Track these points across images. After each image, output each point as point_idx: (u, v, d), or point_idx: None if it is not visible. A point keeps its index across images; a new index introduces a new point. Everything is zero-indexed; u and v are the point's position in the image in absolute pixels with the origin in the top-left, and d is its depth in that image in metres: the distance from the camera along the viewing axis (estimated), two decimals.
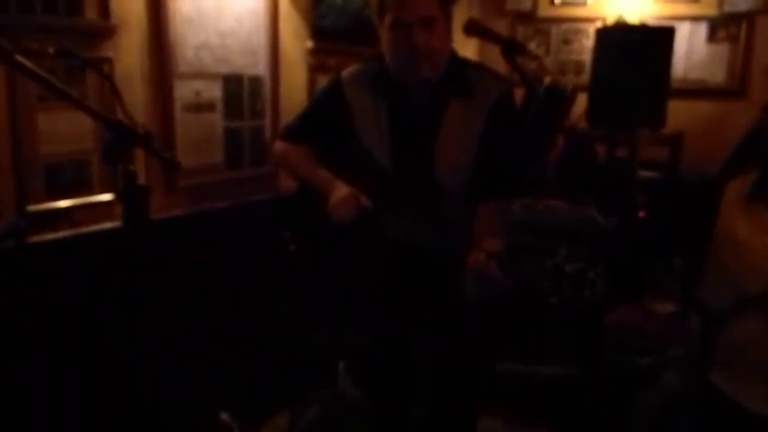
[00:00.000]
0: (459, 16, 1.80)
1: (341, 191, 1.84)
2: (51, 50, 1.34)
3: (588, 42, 4.71)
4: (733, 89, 4.43)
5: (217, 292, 2.87)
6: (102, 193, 2.48)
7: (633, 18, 4.54)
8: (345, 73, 1.94)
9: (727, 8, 4.38)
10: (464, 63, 1.86)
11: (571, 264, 1.40)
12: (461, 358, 2.01)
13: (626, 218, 3.54)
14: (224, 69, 3.01)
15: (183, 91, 2.83)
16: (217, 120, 3.01)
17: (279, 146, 2.07)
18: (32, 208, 2.26)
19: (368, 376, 2.19)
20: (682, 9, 4.51)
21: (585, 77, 4.42)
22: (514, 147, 1.83)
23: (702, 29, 4.48)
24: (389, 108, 1.83)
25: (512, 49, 1.80)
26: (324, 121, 1.97)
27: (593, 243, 3.00)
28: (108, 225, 2.43)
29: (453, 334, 1.98)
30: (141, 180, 1.77)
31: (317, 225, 1.93)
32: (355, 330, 2.28)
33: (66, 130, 2.35)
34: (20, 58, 1.21)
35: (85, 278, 2.32)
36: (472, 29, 1.83)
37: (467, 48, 4.07)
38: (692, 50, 4.51)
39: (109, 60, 2.48)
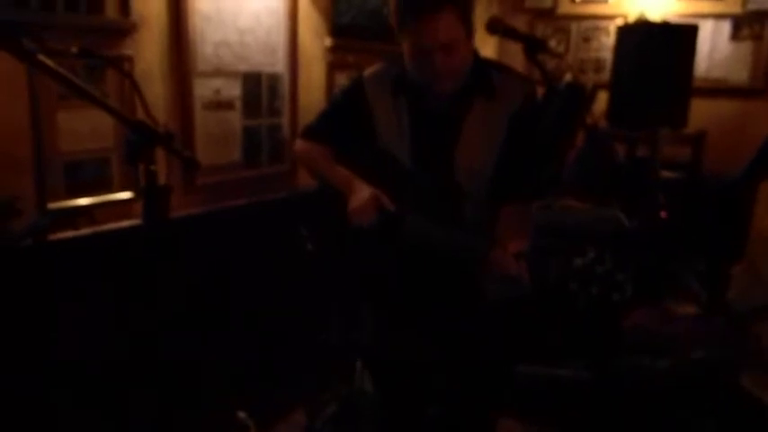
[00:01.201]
0: (480, 13, 1.76)
1: (361, 192, 1.81)
2: (74, 50, 1.33)
3: (608, 40, 4.66)
4: (757, 88, 4.37)
5: (234, 289, 2.87)
6: (121, 191, 2.49)
7: (655, 16, 4.48)
8: (367, 73, 1.92)
9: (752, 6, 4.31)
10: (487, 64, 1.83)
11: (600, 266, 1.38)
12: (480, 359, 1.99)
13: (648, 218, 3.49)
14: (243, 67, 3.01)
15: (203, 89, 2.83)
16: (235, 118, 3.01)
17: (299, 145, 2.06)
18: (53, 205, 2.27)
19: (385, 376, 2.17)
20: (705, 6, 4.45)
21: (606, 75, 4.38)
22: (536, 149, 1.80)
23: (726, 27, 4.41)
24: (411, 108, 1.81)
25: (534, 47, 1.77)
26: (345, 120, 1.95)
27: (616, 241, 2.96)
28: (127, 223, 2.44)
29: (472, 334, 1.96)
30: (161, 179, 1.77)
31: (336, 224, 1.91)
32: (372, 329, 2.26)
33: (86, 128, 2.36)
34: (42, 58, 1.21)
35: (105, 276, 2.33)
36: (495, 27, 1.80)
37: (487, 44, 4.03)
38: (714, 48, 4.44)
39: (129, 58, 2.49)
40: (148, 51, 2.59)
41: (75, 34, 2.29)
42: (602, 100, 3.90)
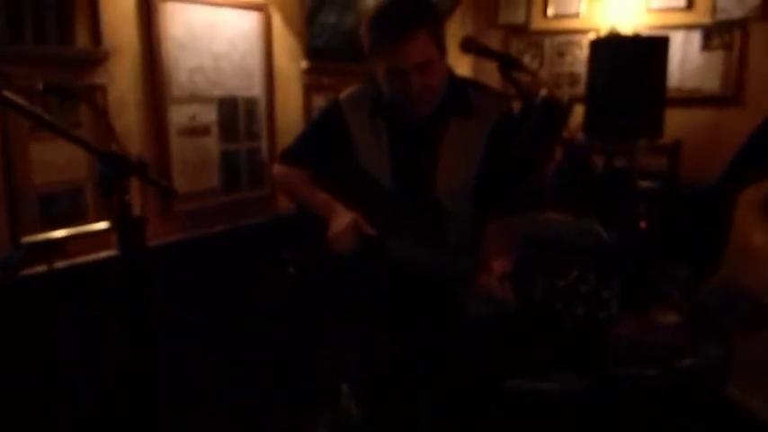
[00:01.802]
0: (454, 31, 1.78)
1: (341, 218, 1.80)
2: (40, 86, 1.31)
3: (582, 54, 4.71)
4: (729, 96, 4.42)
5: (215, 316, 2.83)
6: (97, 221, 2.46)
7: (626, 29, 4.54)
8: (344, 95, 1.92)
9: (721, 16, 4.38)
10: (463, 83, 1.83)
11: (584, 284, 1.37)
12: (466, 376, 1.97)
13: (628, 229, 3.51)
14: (219, 92, 2.99)
15: (178, 115, 2.81)
16: (212, 143, 2.99)
17: (278, 169, 2.05)
18: (27, 239, 2.23)
19: (371, 398, 2.15)
20: (675, 18, 4.51)
21: (581, 89, 4.42)
22: (516, 166, 1.80)
23: (696, 37, 4.48)
24: (389, 129, 1.81)
25: (509, 64, 1.78)
26: (323, 143, 1.94)
27: (599, 257, 2.97)
28: (104, 254, 2.40)
29: (457, 355, 1.94)
30: (137, 208, 1.74)
31: (317, 247, 1.90)
32: (358, 352, 2.24)
33: (59, 159, 2.33)
34: (9, 95, 1.18)
35: (82, 309, 2.29)
36: (469, 46, 1.81)
37: (462, 62, 4.05)
38: (686, 59, 4.51)
39: (102, 88, 2.46)
40: (122, 80, 2.57)
41: (46, 65, 2.26)
42: (578, 113, 3.93)
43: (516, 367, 3.07)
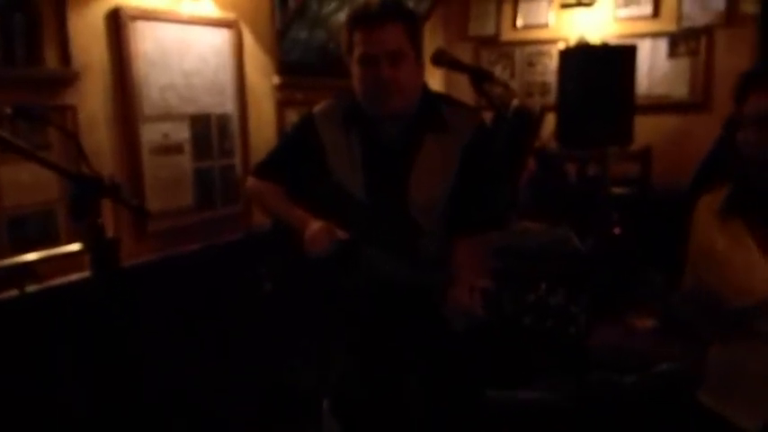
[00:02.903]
0: (425, 44, 1.79)
1: (315, 224, 1.81)
2: (8, 110, 1.29)
3: (552, 63, 4.77)
4: (696, 102, 4.51)
5: (193, 334, 2.80)
6: (69, 243, 2.42)
7: (594, 38, 4.62)
8: (317, 109, 1.92)
9: (686, 23, 4.48)
10: (438, 98, 1.85)
11: (553, 297, 1.38)
12: (452, 390, 1.97)
13: (602, 235, 3.55)
14: (191, 109, 2.98)
15: (150, 134, 2.79)
16: (186, 161, 2.97)
17: (251, 183, 2.04)
18: None
19: (352, 414, 2.13)
20: (642, 26, 4.60)
21: (552, 98, 4.48)
22: (490, 182, 1.82)
23: (663, 45, 4.56)
24: (362, 143, 1.81)
25: (480, 77, 1.80)
26: (296, 157, 1.94)
27: (570, 268, 2.99)
28: (76, 276, 2.36)
29: (441, 366, 1.94)
30: (110, 229, 1.72)
31: (293, 261, 1.89)
32: (338, 367, 2.23)
33: (29, 181, 2.29)
34: None
35: (55, 334, 2.25)
36: (440, 59, 1.83)
37: (434, 75, 4.09)
38: (654, 66, 4.59)
39: (72, 108, 2.44)
40: (92, 99, 2.54)
41: (14, 87, 2.24)
42: (550, 122, 3.98)
43: (496, 376, 3.08)
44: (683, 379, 2.46)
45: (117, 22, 2.61)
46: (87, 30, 2.52)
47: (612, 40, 4.47)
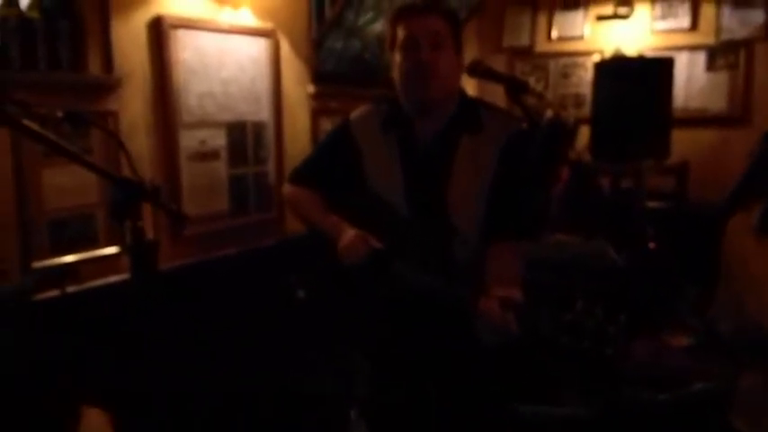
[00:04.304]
0: None
1: (350, 232, 1.82)
2: (60, 114, 1.33)
3: (587, 75, 4.74)
4: (735, 116, 4.44)
5: (225, 339, 2.82)
6: (107, 246, 2.47)
7: (630, 50, 4.57)
8: (354, 115, 1.93)
9: (725, 36, 4.41)
10: (475, 102, 1.86)
11: (591, 318, 1.36)
12: (477, 406, 1.95)
13: (637, 250, 3.50)
14: (227, 117, 3.02)
15: (188, 140, 2.84)
16: (221, 167, 3.01)
17: (288, 189, 2.05)
18: (38, 264, 2.24)
19: (381, 423, 2.13)
20: (679, 39, 4.54)
21: (586, 110, 4.45)
22: (526, 187, 1.80)
23: (701, 58, 4.50)
24: (400, 147, 1.82)
25: (515, 87, 1.79)
26: (333, 164, 1.95)
27: (607, 283, 2.95)
28: (115, 278, 2.41)
29: (468, 382, 1.93)
30: (148, 232, 1.75)
31: (327, 270, 1.90)
32: (367, 377, 2.23)
33: (70, 184, 2.35)
34: (27, 122, 1.20)
35: (94, 334, 2.29)
36: (476, 69, 1.83)
37: (468, 86, 4.10)
38: (691, 80, 4.53)
39: (114, 114, 2.49)
40: (133, 106, 2.60)
41: (59, 92, 2.30)
42: (583, 134, 3.94)
43: (527, 392, 3.04)
44: (716, 399, 2.41)
45: (158, 30, 2.66)
46: (130, 37, 2.58)
47: (649, 53, 4.42)
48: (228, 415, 2.74)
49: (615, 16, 4.70)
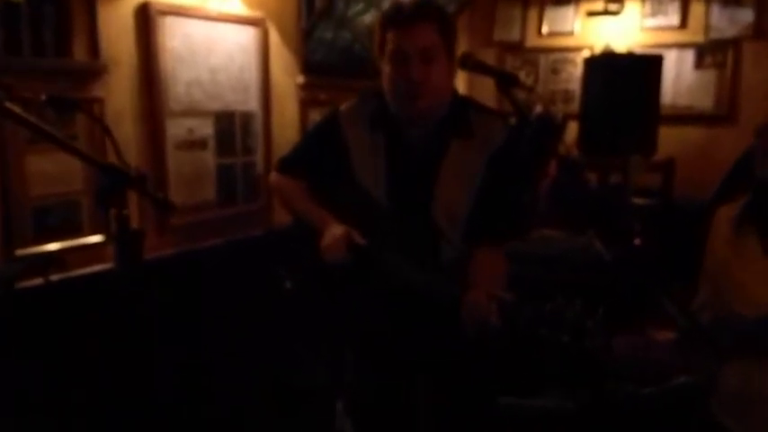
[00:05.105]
0: None
1: (332, 230, 1.80)
2: (43, 97, 1.30)
3: (576, 71, 4.75)
4: (721, 114, 4.47)
5: (211, 329, 2.81)
6: (92, 234, 2.44)
7: (620, 47, 4.59)
8: (343, 107, 1.91)
9: (714, 35, 4.44)
10: (466, 103, 1.84)
11: (570, 310, 1.36)
12: (466, 398, 1.95)
13: (622, 245, 3.52)
14: (216, 106, 2.99)
15: (175, 128, 2.81)
16: (209, 157, 2.99)
17: (274, 177, 2.04)
18: (21, 252, 2.21)
19: (366, 417, 2.13)
20: (668, 37, 4.56)
21: (575, 106, 4.45)
22: (513, 191, 1.80)
23: (689, 56, 4.53)
24: (388, 145, 1.80)
25: (506, 81, 1.79)
26: (319, 155, 1.93)
27: (589, 278, 2.96)
28: (99, 267, 2.38)
29: (456, 374, 1.93)
30: (134, 221, 1.74)
31: (314, 260, 1.89)
32: (353, 370, 2.23)
33: (55, 171, 2.32)
34: (10, 106, 1.18)
35: (77, 322, 2.27)
36: (467, 62, 1.82)
37: (458, 78, 4.10)
38: (679, 77, 4.55)
39: (99, 100, 2.46)
40: (119, 92, 2.57)
41: (44, 78, 2.26)
42: (572, 130, 3.95)
43: (511, 383, 3.05)
44: (699, 393, 2.44)
45: (146, 17, 2.63)
46: (116, 23, 2.54)
47: (638, 50, 4.44)
48: (215, 405, 2.73)
49: (605, 12, 4.71)
